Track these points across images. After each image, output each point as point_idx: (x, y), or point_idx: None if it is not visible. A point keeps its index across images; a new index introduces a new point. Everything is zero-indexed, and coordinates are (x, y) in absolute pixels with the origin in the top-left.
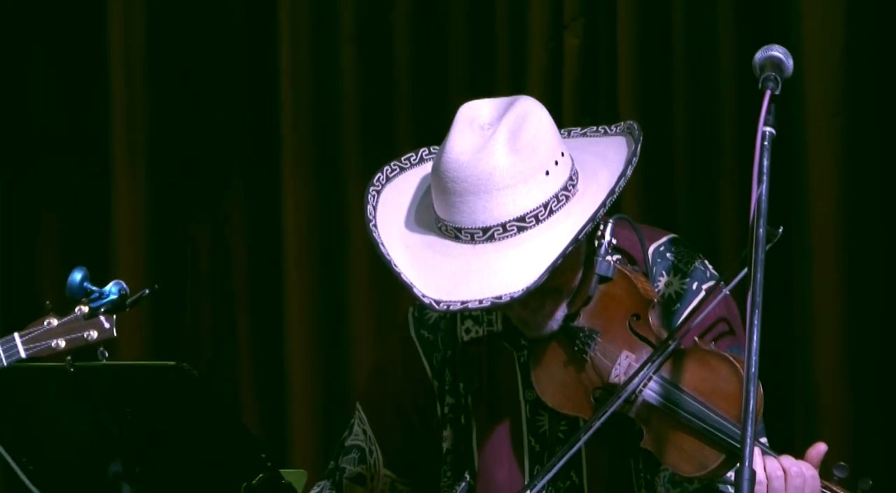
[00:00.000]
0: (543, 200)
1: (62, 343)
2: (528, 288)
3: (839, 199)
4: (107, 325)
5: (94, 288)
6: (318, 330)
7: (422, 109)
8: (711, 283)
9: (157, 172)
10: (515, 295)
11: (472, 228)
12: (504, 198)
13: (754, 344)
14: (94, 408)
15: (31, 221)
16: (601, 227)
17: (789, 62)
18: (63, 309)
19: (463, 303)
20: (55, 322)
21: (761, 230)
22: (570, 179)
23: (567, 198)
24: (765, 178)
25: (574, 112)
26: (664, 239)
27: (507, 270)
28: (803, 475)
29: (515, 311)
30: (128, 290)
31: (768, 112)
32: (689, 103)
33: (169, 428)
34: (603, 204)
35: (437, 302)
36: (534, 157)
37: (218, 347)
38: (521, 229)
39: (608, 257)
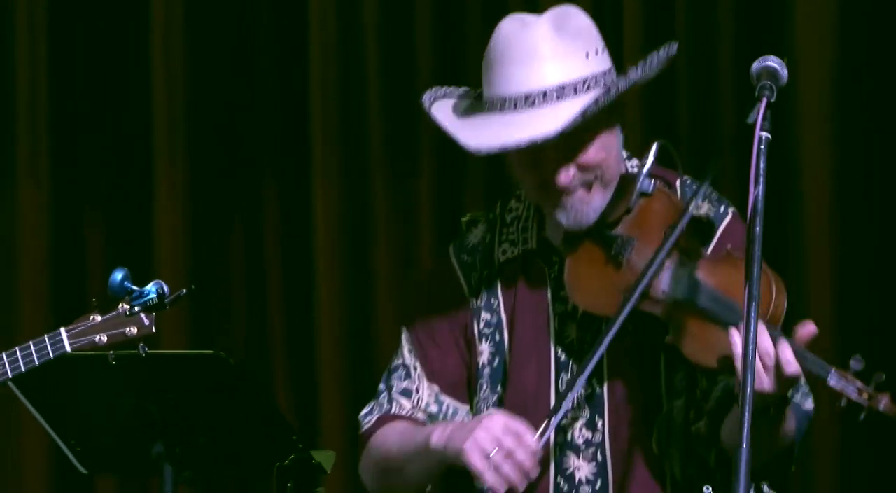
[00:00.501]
0: (583, 76)
1: (104, 338)
2: (561, 128)
3: (832, 200)
4: (146, 322)
5: (134, 287)
6: (346, 324)
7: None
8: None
9: (197, 174)
10: (549, 135)
11: (515, 96)
12: (547, 68)
13: (751, 335)
14: (138, 394)
15: (78, 222)
16: (646, 152)
17: (784, 72)
18: (106, 306)
19: (501, 146)
20: (98, 319)
21: (758, 229)
22: (608, 71)
23: (603, 83)
24: (761, 179)
25: None
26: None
27: (545, 121)
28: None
29: (551, 186)
30: (167, 289)
31: (764, 118)
32: (691, 105)
33: (207, 412)
34: (634, 82)
35: (478, 150)
36: (576, 39)
37: (251, 340)
38: (559, 98)
39: (649, 179)
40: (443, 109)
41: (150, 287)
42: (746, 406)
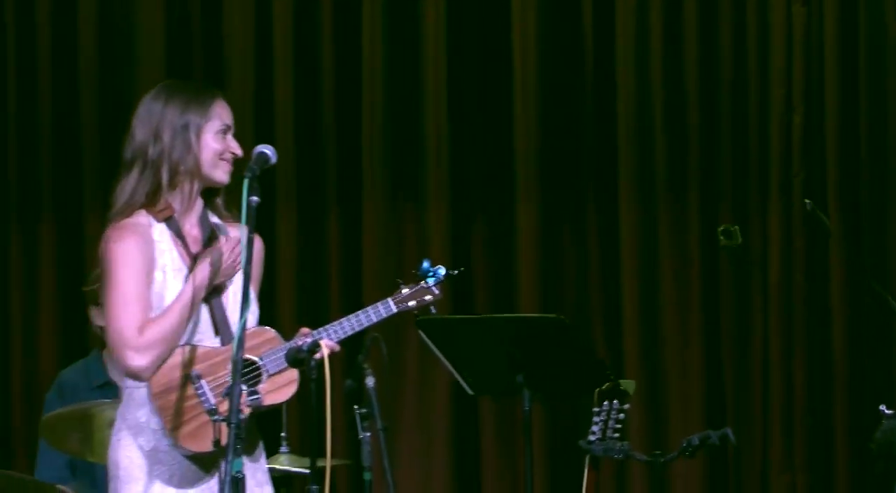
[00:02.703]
0: None
1: (412, 304)
2: None
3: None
4: (437, 292)
5: (431, 268)
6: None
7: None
8: None
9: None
10: None
11: None
12: None
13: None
14: (508, 343)
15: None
16: None
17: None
18: (408, 282)
19: None
20: (406, 291)
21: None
22: None
23: None
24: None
25: None
26: None
27: None
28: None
29: None
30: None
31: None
32: None
33: (550, 355)
34: None
35: None
36: None
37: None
38: None
39: None
40: None
41: (439, 268)
42: None
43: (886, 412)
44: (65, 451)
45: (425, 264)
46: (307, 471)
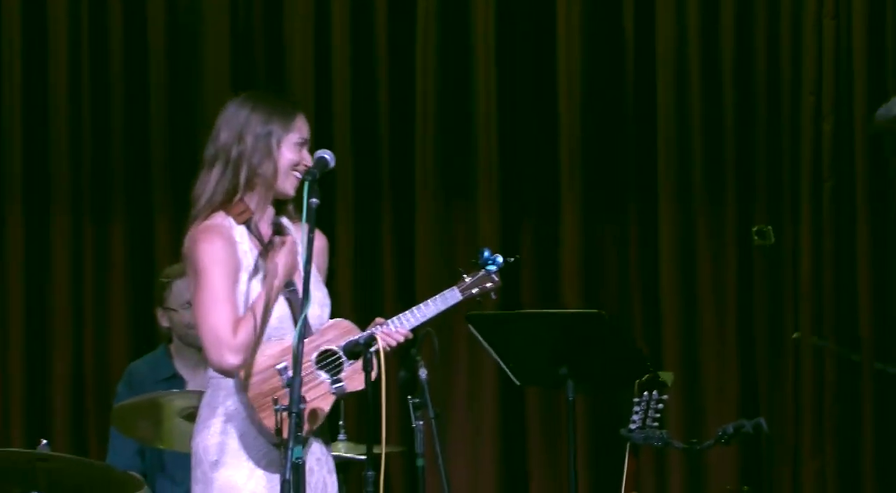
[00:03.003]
0: None
1: (475, 291)
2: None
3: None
4: (496, 279)
5: (490, 256)
6: None
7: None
8: None
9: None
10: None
11: None
12: None
13: None
14: (552, 336)
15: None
16: None
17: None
18: (469, 271)
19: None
20: (469, 279)
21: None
22: None
23: None
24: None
25: None
26: None
27: None
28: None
29: None
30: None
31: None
32: None
33: (592, 348)
34: None
35: None
36: None
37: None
38: None
39: None
40: None
41: (498, 256)
42: None
43: None
44: (134, 438)
45: (486, 253)
46: (363, 457)
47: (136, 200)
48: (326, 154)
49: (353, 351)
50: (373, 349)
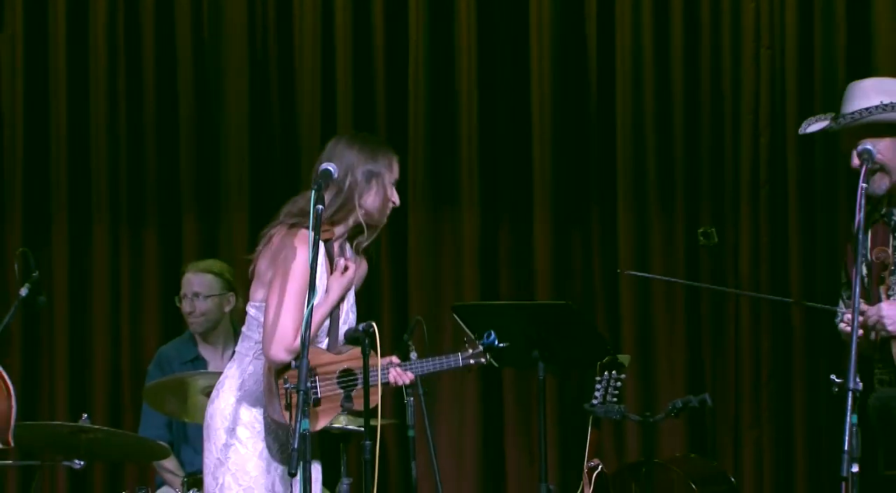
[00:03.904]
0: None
1: (472, 362)
2: (828, 126)
3: None
4: (488, 357)
5: (490, 340)
6: None
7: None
8: None
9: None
10: (827, 126)
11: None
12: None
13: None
14: (526, 324)
15: None
16: None
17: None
18: (472, 344)
19: (809, 130)
20: (471, 351)
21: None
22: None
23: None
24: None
25: None
26: None
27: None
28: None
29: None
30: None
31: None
32: None
33: (559, 334)
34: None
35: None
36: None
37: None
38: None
39: None
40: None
41: (496, 340)
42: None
43: (836, 380)
44: (163, 413)
45: (491, 336)
46: (362, 429)
47: (166, 207)
48: (330, 166)
49: (353, 337)
50: (368, 336)
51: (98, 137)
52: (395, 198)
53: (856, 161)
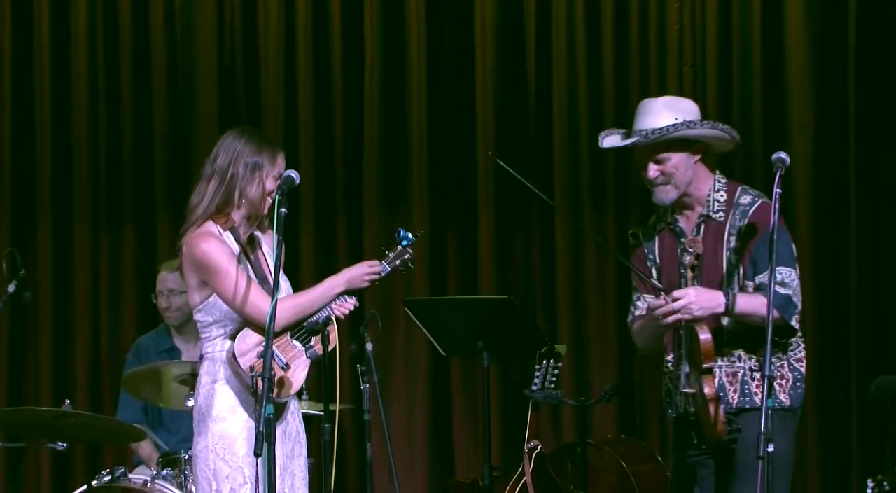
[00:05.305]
0: (672, 123)
1: (398, 262)
2: (636, 140)
3: None
4: (411, 251)
5: (404, 235)
6: None
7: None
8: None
9: None
10: (636, 141)
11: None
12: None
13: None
14: (471, 317)
15: None
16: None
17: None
18: (389, 248)
19: (613, 145)
20: (391, 255)
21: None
22: (689, 124)
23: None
24: None
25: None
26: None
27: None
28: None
29: (644, 174)
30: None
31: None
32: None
33: (502, 326)
34: (698, 133)
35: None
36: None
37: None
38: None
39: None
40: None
41: (409, 233)
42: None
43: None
44: (140, 399)
45: (401, 232)
46: (321, 413)
47: (142, 209)
48: (293, 173)
49: (314, 329)
50: (328, 327)
51: (79, 146)
52: (272, 188)
53: (651, 173)
